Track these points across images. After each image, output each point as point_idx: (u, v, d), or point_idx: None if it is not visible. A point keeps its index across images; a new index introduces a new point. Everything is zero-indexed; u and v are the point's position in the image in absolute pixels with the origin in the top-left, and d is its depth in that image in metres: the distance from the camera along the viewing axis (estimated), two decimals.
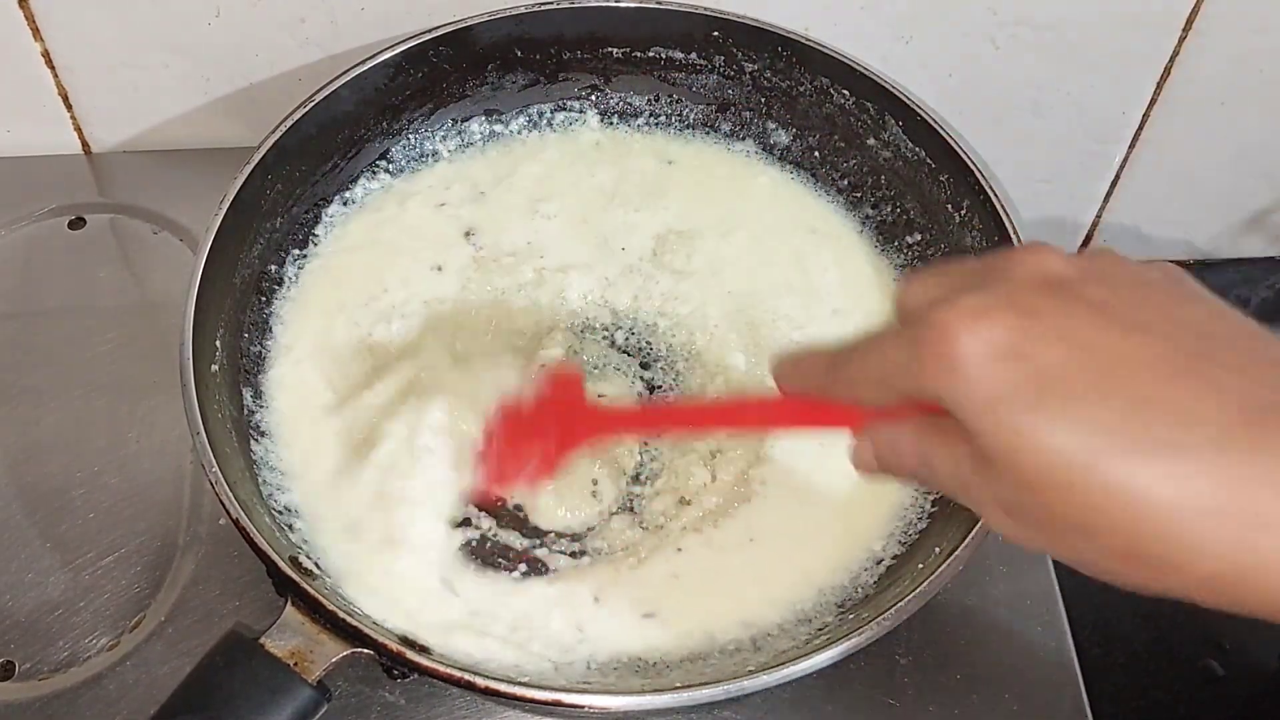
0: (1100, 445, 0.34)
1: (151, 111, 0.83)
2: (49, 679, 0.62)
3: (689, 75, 0.78)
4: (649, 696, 0.54)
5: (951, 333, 0.36)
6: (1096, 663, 0.66)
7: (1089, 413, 0.34)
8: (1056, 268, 0.38)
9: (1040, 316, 0.36)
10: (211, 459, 0.57)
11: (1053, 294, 0.37)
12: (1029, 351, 0.35)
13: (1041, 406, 0.35)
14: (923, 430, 0.40)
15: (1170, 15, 0.78)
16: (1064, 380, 0.35)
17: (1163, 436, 0.34)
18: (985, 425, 0.36)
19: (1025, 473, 0.35)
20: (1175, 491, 0.33)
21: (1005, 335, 0.36)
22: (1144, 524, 0.34)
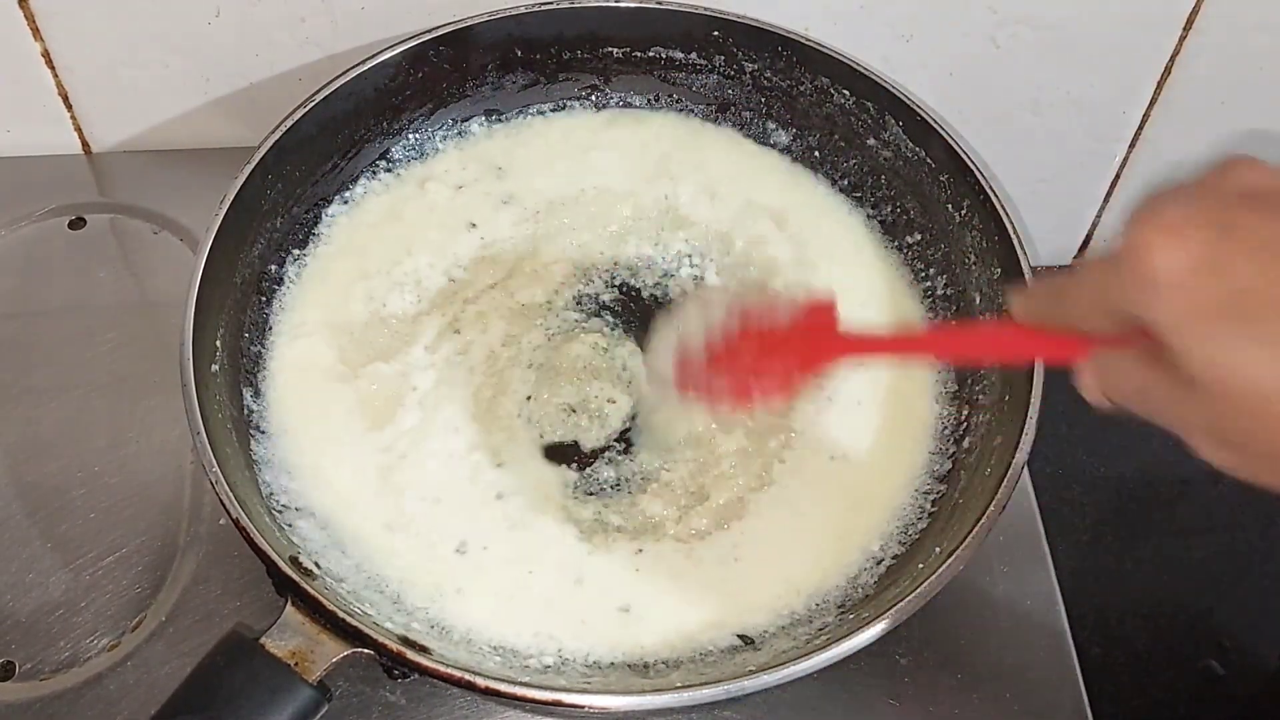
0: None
1: (151, 111, 0.83)
2: (49, 679, 0.62)
3: (689, 75, 0.78)
4: (649, 696, 0.54)
5: (1147, 247, 0.35)
6: (1096, 663, 0.66)
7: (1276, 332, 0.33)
8: (1264, 180, 0.37)
9: (1241, 229, 0.34)
10: (211, 459, 0.57)
11: (1255, 206, 0.35)
12: (1229, 265, 0.34)
13: (1239, 322, 0.34)
14: (1141, 358, 0.39)
15: (1170, 15, 0.78)
16: (1263, 294, 0.33)
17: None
18: (1182, 343, 0.35)
19: (1225, 392, 0.34)
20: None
21: (1201, 249, 0.34)
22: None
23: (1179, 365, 0.35)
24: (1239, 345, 0.33)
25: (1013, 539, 0.69)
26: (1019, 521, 0.69)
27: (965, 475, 0.64)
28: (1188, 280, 0.34)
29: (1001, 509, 0.57)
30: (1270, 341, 0.33)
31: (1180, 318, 0.35)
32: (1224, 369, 0.34)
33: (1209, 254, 0.34)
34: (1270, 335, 0.33)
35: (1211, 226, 0.35)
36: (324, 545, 0.62)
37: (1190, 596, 0.82)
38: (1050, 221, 0.92)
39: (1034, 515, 0.71)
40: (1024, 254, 0.66)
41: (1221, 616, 0.82)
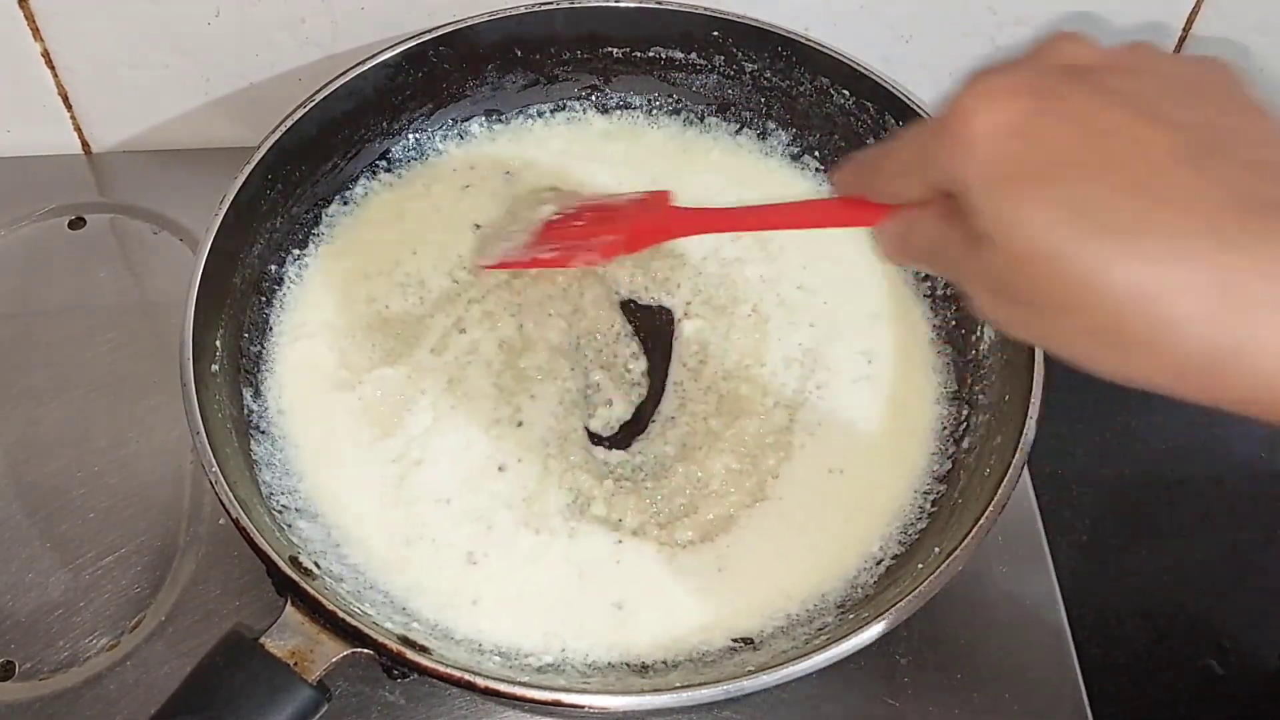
0: (1090, 224, 0.34)
1: (151, 111, 0.83)
2: (49, 679, 0.62)
3: (689, 75, 0.78)
4: (649, 696, 0.54)
5: (968, 110, 0.37)
6: (1096, 663, 0.66)
7: (1084, 192, 0.34)
8: (1086, 55, 0.38)
9: (1057, 99, 0.36)
10: (211, 459, 0.57)
11: (1076, 79, 0.37)
12: (1039, 131, 0.35)
13: (1039, 184, 0.35)
14: (936, 216, 0.41)
15: (1170, 15, 0.78)
16: (1066, 161, 0.35)
17: (1156, 220, 0.34)
18: (983, 201, 0.36)
19: (1014, 247, 0.35)
20: (1161, 271, 0.33)
21: (1018, 115, 0.36)
22: (1127, 302, 0.34)
23: (974, 221, 0.37)
24: (1031, 205, 0.35)
25: (1013, 539, 0.69)
26: (1019, 521, 0.70)
27: (965, 475, 0.64)
28: (999, 142, 0.36)
29: (1001, 509, 0.57)
30: (1059, 204, 0.34)
31: (985, 176, 0.36)
32: (1014, 226, 0.35)
33: (1023, 120, 0.36)
34: (1060, 199, 0.34)
35: (1030, 95, 0.36)
36: (324, 546, 0.62)
37: (1190, 596, 0.82)
38: None
39: (1034, 515, 0.71)
40: None
41: (1221, 616, 0.82)
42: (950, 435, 0.67)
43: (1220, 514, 0.85)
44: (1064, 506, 0.84)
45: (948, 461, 0.66)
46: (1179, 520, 0.85)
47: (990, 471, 0.61)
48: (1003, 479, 0.58)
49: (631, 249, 0.62)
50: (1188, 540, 0.84)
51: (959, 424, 0.67)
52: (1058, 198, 0.35)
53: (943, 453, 0.67)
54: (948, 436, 0.67)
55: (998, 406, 0.65)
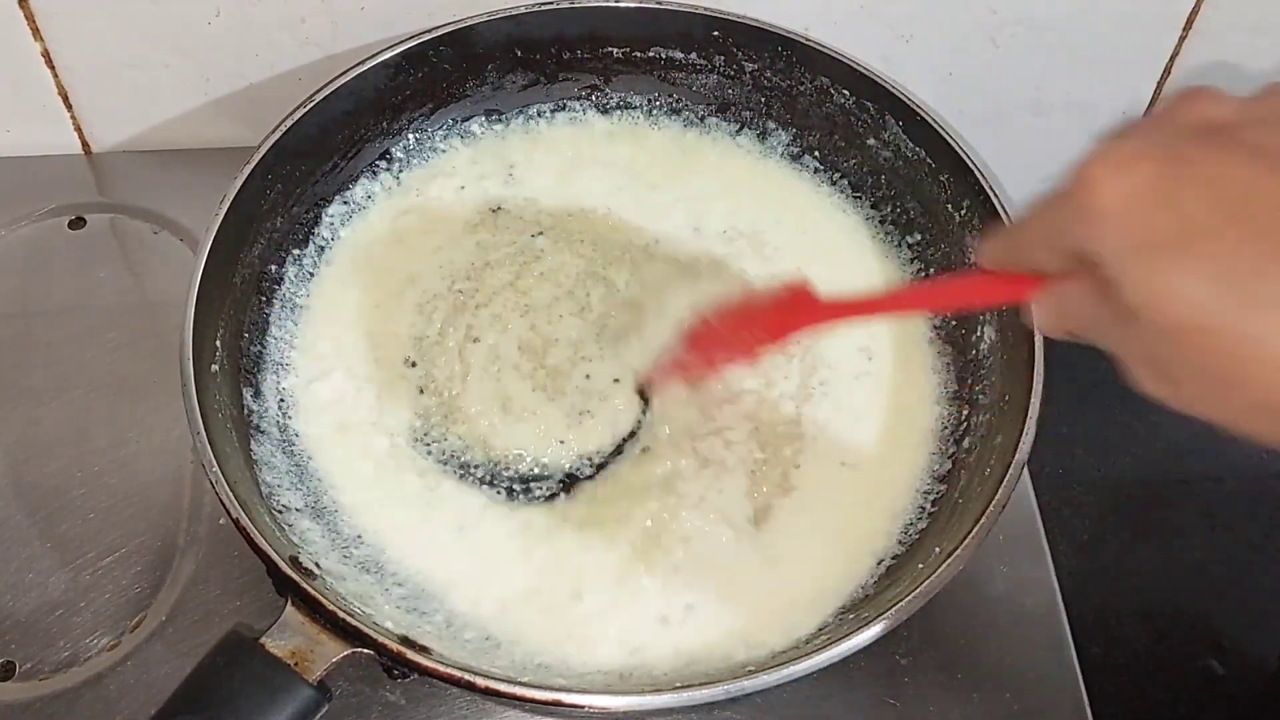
0: (1243, 294, 0.33)
1: (151, 111, 0.83)
2: (49, 679, 0.62)
3: (689, 75, 0.78)
4: (649, 696, 0.54)
5: (1095, 180, 0.35)
6: (1096, 663, 0.66)
7: (1232, 260, 0.33)
8: (1217, 112, 0.37)
9: (1190, 162, 0.35)
10: (211, 459, 0.57)
11: (1208, 139, 0.35)
12: (1175, 198, 0.34)
13: (1183, 254, 0.33)
14: (1088, 290, 0.39)
15: (1170, 15, 0.78)
16: (1207, 227, 0.33)
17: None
18: (1126, 274, 0.35)
19: (1166, 323, 0.34)
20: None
21: (1150, 182, 0.34)
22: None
23: (1121, 296, 0.36)
24: (1176, 277, 0.34)
25: (1013, 539, 0.69)
26: (1019, 521, 0.69)
27: (965, 475, 0.64)
28: (1131, 211, 0.35)
29: (1001, 509, 0.57)
30: (1205, 273, 0.33)
31: (1122, 248, 0.35)
32: (1161, 299, 0.34)
33: (1154, 186, 0.34)
34: (1206, 267, 0.33)
35: (1160, 160, 0.35)
36: (326, 547, 0.62)
37: (1190, 596, 0.82)
38: None
39: (1034, 515, 0.71)
40: None
41: (1221, 616, 0.82)
42: (950, 435, 0.67)
43: (1220, 514, 0.86)
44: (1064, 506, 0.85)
45: (948, 461, 0.66)
46: (1179, 520, 0.85)
47: (990, 471, 0.61)
48: (1003, 479, 0.58)
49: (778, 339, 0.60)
50: (1188, 540, 0.85)
51: (959, 424, 0.67)
52: (1204, 266, 0.33)
53: (943, 453, 0.67)
54: (948, 436, 0.67)
55: (998, 406, 0.65)
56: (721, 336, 0.61)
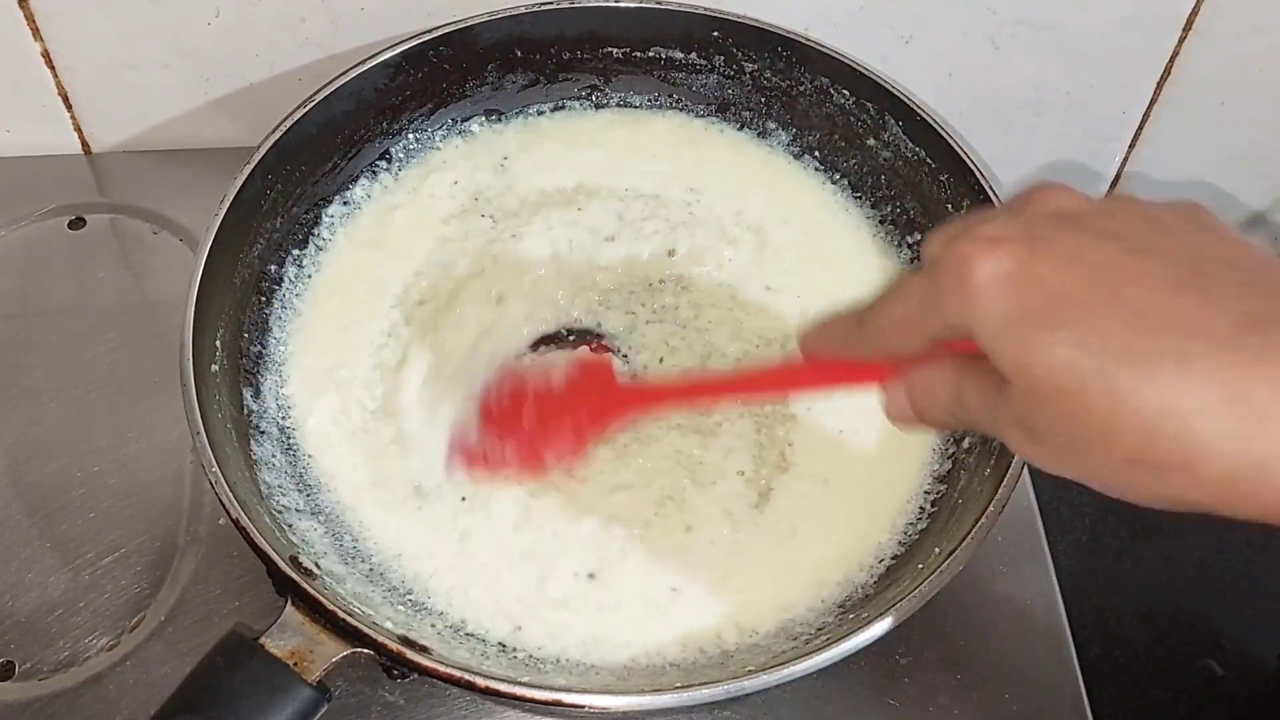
0: (1107, 356, 0.35)
1: (151, 111, 0.83)
2: (49, 679, 0.62)
3: (689, 75, 0.78)
4: (649, 696, 0.54)
5: (968, 259, 0.38)
6: (1096, 663, 0.66)
7: (1095, 326, 0.36)
8: (1070, 203, 0.40)
9: (1051, 243, 0.38)
10: (211, 459, 0.57)
11: (1064, 224, 0.39)
12: (1040, 274, 0.37)
13: (1051, 323, 0.36)
14: (956, 369, 0.42)
15: (1170, 15, 0.78)
16: (1071, 298, 0.36)
17: (1167, 345, 0.35)
18: (1000, 345, 0.37)
19: (1038, 387, 0.37)
20: (1180, 391, 0.35)
21: (1017, 260, 0.37)
22: (1154, 425, 0.35)
23: (996, 366, 0.38)
24: (1047, 345, 0.36)
25: (1013, 539, 0.69)
26: (1019, 521, 0.69)
27: (965, 475, 0.64)
28: (1004, 288, 0.37)
29: (1001, 509, 0.58)
30: (1073, 340, 0.36)
31: (999, 322, 0.37)
32: (1040, 367, 0.36)
33: (1024, 264, 0.37)
34: (1074, 335, 0.36)
35: (1023, 240, 0.38)
36: (326, 547, 0.62)
37: (1190, 596, 0.82)
38: None
39: (1034, 515, 0.71)
40: None
41: (1221, 616, 0.82)
42: (950, 435, 0.67)
43: None
44: (1064, 506, 0.85)
45: (948, 461, 0.66)
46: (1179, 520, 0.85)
47: (990, 471, 0.61)
48: (1003, 479, 0.58)
49: (590, 440, 0.60)
50: (1188, 540, 0.85)
51: None
52: (1071, 334, 0.36)
53: (943, 453, 0.67)
54: (948, 436, 0.67)
55: None
56: (527, 431, 0.60)
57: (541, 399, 0.60)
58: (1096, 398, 0.35)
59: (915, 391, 0.44)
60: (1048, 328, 0.36)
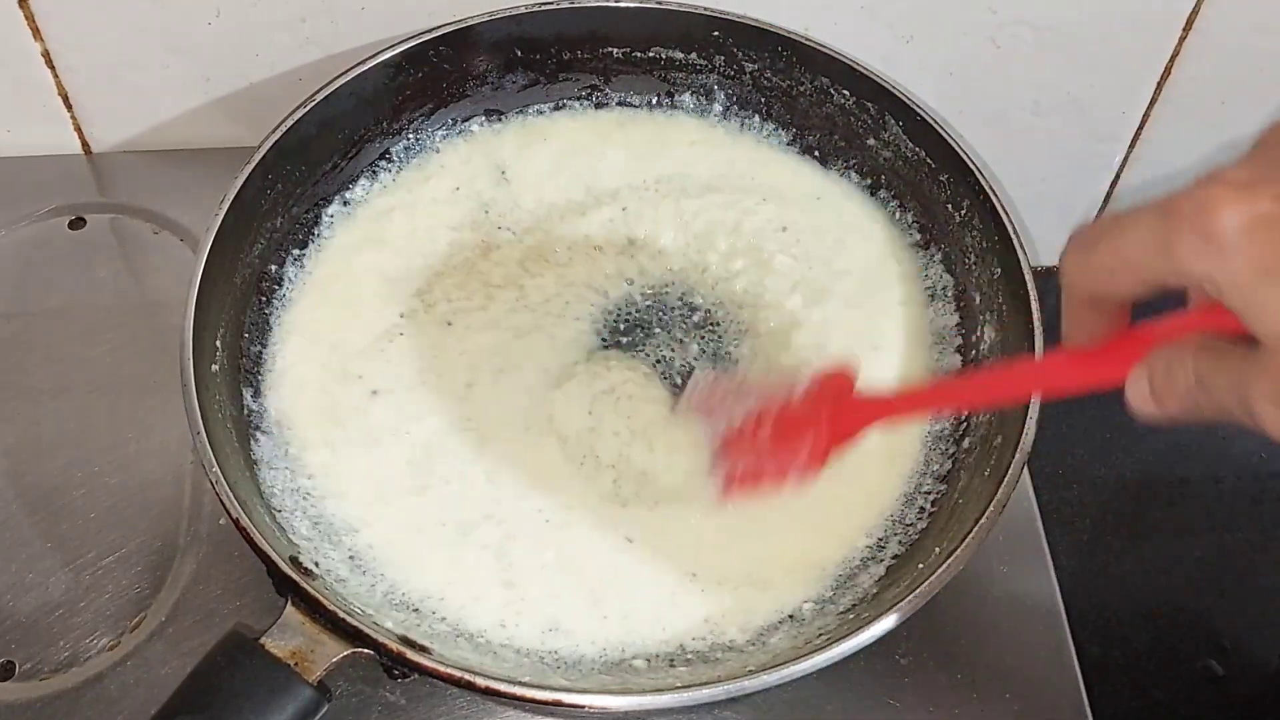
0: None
1: (151, 111, 0.83)
2: (49, 679, 0.62)
3: (689, 75, 0.78)
4: (649, 696, 0.54)
5: (1212, 205, 0.34)
6: (1096, 663, 0.66)
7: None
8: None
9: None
10: (211, 459, 0.57)
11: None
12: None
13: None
14: (1195, 348, 0.38)
15: (1170, 15, 0.78)
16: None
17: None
18: (1254, 301, 0.34)
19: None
20: None
21: (1272, 205, 0.33)
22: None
23: (1249, 328, 0.34)
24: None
25: (1013, 539, 0.69)
26: (1019, 521, 0.69)
27: (965, 475, 0.64)
28: (1257, 236, 0.33)
29: (1001, 509, 0.58)
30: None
31: (1252, 275, 0.34)
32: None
33: (1276, 212, 0.33)
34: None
35: (1276, 185, 0.34)
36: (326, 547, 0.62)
37: (1190, 596, 0.82)
38: (1050, 221, 0.92)
39: (1034, 515, 0.71)
40: (1024, 254, 0.66)
41: (1221, 616, 0.82)
42: (950, 435, 0.67)
43: (1220, 514, 0.86)
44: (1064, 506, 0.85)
45: (948, 461, 0.66)
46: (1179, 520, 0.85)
47: (990, 471, 0.61)
48: (1003, 479, 0.58)
49: (832, 451, 0.59)
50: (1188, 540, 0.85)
51: (959, 424, 0.67)
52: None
53: (943, 452, 0.67)
54: (948, 436, 0.67)
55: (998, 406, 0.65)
56: (767, 446, 0.59)
57: (782, 415, 0.59)
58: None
59: (1155, 377, 0.40)
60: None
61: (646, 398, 0.66)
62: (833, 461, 0.58)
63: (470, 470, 0.65)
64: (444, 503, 0.64)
